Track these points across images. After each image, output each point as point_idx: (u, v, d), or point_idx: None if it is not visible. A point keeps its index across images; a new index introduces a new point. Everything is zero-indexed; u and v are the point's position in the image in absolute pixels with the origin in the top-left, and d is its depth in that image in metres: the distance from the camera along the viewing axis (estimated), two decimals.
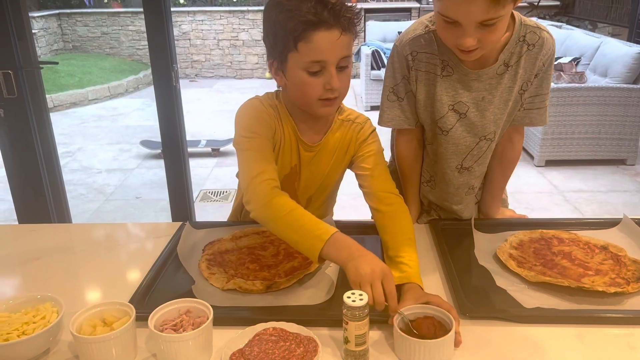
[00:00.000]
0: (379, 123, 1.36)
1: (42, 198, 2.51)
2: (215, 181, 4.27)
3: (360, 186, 1.28)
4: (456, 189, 1.40)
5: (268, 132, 1.19)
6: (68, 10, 8.63)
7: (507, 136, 1.37)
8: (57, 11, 8.56)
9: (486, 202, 1.48)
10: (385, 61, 6.07)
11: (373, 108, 6.07)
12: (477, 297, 1.06)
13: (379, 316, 0.97)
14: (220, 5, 8.60)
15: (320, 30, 1.07)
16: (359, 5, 8.04)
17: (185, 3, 8.63)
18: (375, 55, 6.08)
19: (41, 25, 8.08)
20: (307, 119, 1.24)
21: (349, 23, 1.10)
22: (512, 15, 1.20)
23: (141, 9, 8.68)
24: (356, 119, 1.30)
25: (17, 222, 2.60)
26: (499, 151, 1.39)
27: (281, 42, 1.11)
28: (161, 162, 4.49)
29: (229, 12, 8.28)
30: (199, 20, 8.32)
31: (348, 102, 1.19)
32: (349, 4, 1.11)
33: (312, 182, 1.32)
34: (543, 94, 1.29)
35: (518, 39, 1.21)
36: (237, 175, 1.22)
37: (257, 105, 1.22)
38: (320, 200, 1.39)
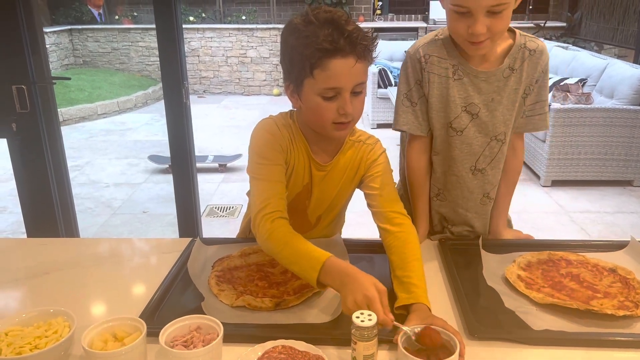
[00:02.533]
0: (394, 126, 1.41)
1: (51, 211, 2.53)
2: (222, 197, 4.29)
3: (369, 206, 1.29)
4: (470, 192, 1.43)
5: (280, 157, 1.22)
6: (79, 26, 8.77)
7: (511, 145, 1.41)
8: (69, 27, 8.70)
9: (493, 216, 1.49)
10: (392, 80, 6.12)
11: (379, 126, 6.10)
12: (486, 318, 1.06)
13: (387, 336, 0.97)
14: (230, 23, 8.72)
15: (336, 58, 1.09)
16: (367, 25, 8.15)
17: (195, 20, 8.75)
18: (382, 74, 6.13)
19: (53, 40, 8.20)
20: (319, 140, 1.26)
21: (364, 51, 1.12)
22: (512, 29, 1.32)
23: (151, 26, 8.76)
24: (367, 140, 1.32)
25: (25, 234, 2.62)
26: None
27: (297, 67, 1.13)
28: (168, 177, 4.52)
29: (238, 29, 8.39)
30: (208, 37, 8.43)
31: None
32: (366, 32, 1.13)
33: (322, 201, 1.34)
34: (542, 100, 1.37)
35: (520, 46, 1.31)
36: (248, 194, 1.23)
37: (271, 128, 1.24)
38: (329, 219, 1.40)
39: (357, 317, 0.89)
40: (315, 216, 1.37)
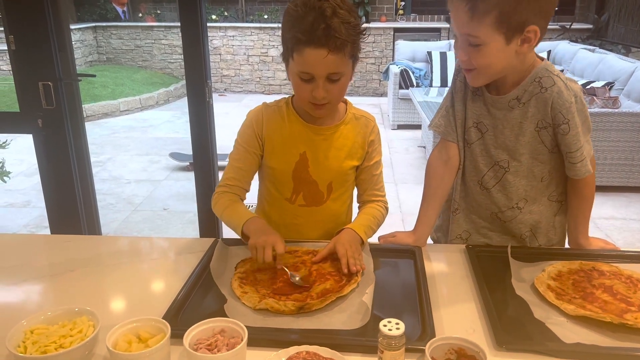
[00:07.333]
0: (429, 126, 1.48)
1: (73, 206, 2.56)
2: None
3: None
4: (479, 205, 1.44)
5: (250, 139, 1.40)
6: (104, 24, 8.89)
7: (575, 185, 1.38)
8: (93, 24, 8.82)
9: (570, 229, 1.45)
10: (414, 80, 6.07)
11: (400, 127, 6.03)
12: (514, 329, 1.03)
13: (415, 345, 0.95)
14: (251, 21, 8.75)
15: (309, 47, 1.18)
16: (389, 25, 8.09)
17: (217, 19, 8.79)
18: (404, 75, 6.07)
19: (78, 37, 8.32)
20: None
21: (340, 44, 1.17)
22: (538, 59, 1.28)
23: (174, 24, 8.77)
24: (365, 114, 1.44)
25: (48, 229, 2.65)
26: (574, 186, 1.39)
27: (284, 47, 1.26)
28: (188, 175, 4.54)
29: (260, 28, 8.41)
30: (230, 36, 8.46)
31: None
32: (351, 25, 1.18)
33: (327, 166, 1.39)
34: (571, 151, 1.31)
35: (534, 79, 1.27)
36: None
37: (254, 113, 1.42)
38: (340, 190, 1.44)
39: (385, 326, 0.87)
40: (325, 184, 1.41)
